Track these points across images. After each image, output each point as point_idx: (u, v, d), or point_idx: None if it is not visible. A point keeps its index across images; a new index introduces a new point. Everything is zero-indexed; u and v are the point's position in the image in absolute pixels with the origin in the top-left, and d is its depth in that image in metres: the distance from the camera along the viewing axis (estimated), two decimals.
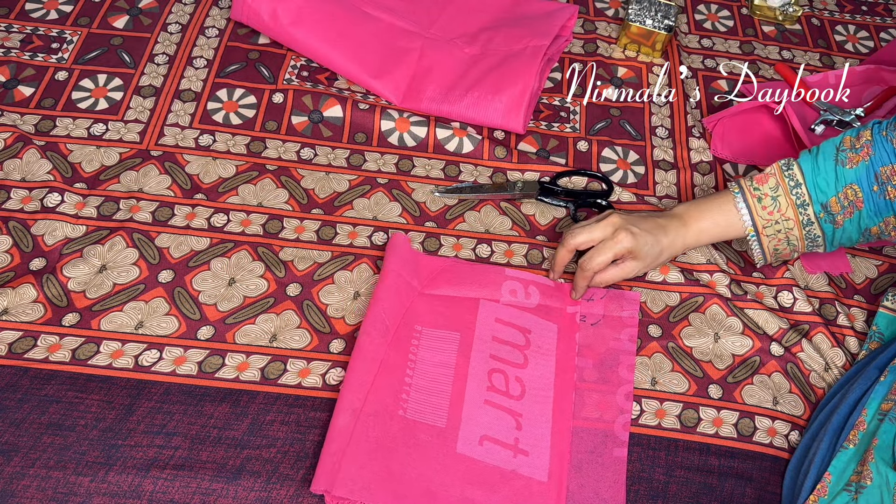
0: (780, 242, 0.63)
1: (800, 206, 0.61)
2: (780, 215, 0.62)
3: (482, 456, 0.57)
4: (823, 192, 0.61)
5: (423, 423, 0.58)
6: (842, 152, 0.61)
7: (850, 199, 0.60)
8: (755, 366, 0.64)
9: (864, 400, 0.57)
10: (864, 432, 0.56)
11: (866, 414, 0.57)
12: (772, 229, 0.62)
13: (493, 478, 0.56)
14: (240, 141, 0.75)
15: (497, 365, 0.62)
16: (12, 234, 0.66)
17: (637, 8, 0.85)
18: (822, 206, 0.61)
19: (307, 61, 0.82)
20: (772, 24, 0.94)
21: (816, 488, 0.54)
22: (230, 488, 0.55)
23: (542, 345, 0.63)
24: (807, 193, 0.61)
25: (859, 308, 0.69)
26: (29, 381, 0.58)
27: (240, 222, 0.69)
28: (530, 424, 0.59)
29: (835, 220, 0.61)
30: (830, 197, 0.60)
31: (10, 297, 0.62)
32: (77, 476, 0.54)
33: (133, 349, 0.61)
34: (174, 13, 0.85)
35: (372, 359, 0.60)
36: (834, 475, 0.55)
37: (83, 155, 0.72)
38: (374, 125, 0.77)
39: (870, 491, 0.52)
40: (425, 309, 0.64)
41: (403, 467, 0.56)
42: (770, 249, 0.64)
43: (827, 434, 0.57)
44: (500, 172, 0.75)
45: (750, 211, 0.62)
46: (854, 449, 0.55)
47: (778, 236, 0.63)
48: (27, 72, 0.78)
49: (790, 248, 0.64)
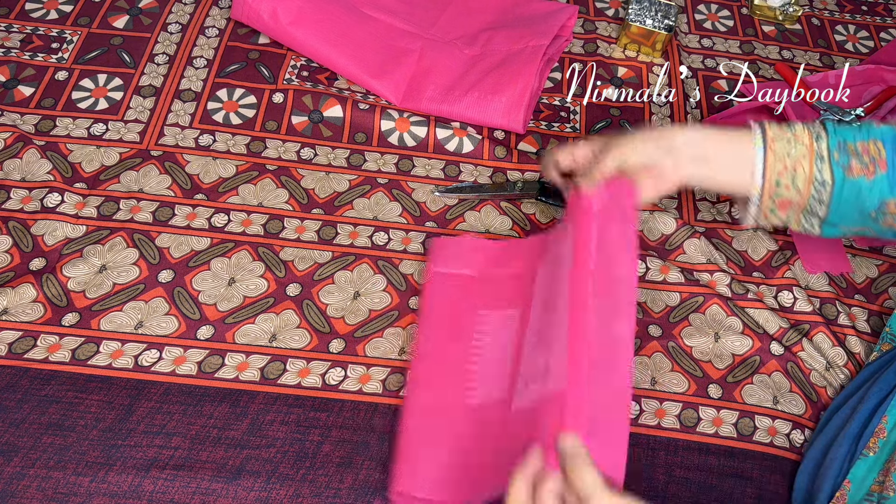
0: (786, 173, 0.54)
1: (815, 137, 0.54)
2: (792, 135, 0.54)
3: (530, 400, 0.54)
4: (842, 135, 0.54)
5: (488, 403, 0.57)
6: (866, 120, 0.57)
7: (872, 156, 0.53)
8: (755, 365, 0.64)
9: (884, 406, 0.56)
10: (884, 440, 0.55)
11: (886, 421, 0.55)
12: (782, 146, 0.54)
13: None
14: (240, 141, 0.75)
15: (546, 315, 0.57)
16: (12, 233, 0.66)
17: (637, 8, 0.85)
18: (839, 144, 0.54)
19: (307, 61, 0.82)
20: (772, 24, 0.94)
21: (836, 496, 0.54)
22: (230, 488, 0.55)
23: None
24: (823, 129, 0.54)
25: (860, 307, 0.69)
26: (29, 381, 0.58)
27: (240, 222, 0.69)
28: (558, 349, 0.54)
29: (849, 167, 0.53)
30: (850, 140, 0.54)
31: (9, 296, 0.62)
32: (77, 476, 0.54)
33: (133, 349, 0.61)
34: (174, 13, 0.85)
35: (433, 355, 0.60)
36: (854, 483, 0.54)
37: (83, 155, 0.72)
38: (375, 125, 0.77)
39: (893, 502, 0.51)
40: (488, 291, 0.63)
41: (479, 456, 0.54)
42: (772, 179, 0.54)
43: (845, 440, 0.56)
44: (500, 172, 0.75)
45: (763, 127, 0.55)
46: (874, 457, 0.54)
47: (786, 161, 0.54)
48: (27, 72, 0.78)
49: (792, 192, 0.55)
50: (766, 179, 0.55)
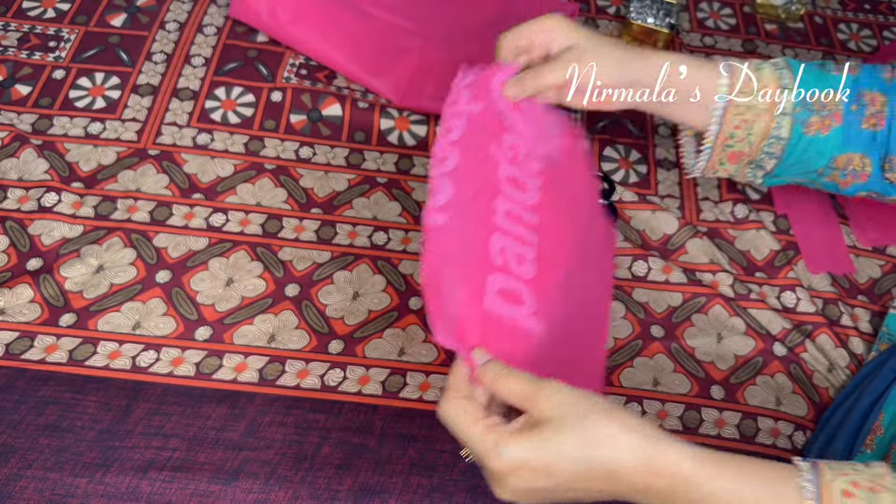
0: (742, 127, 0.54)
1: (783, 86, 0.54)
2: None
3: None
4: (805, 83, 0.54)
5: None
6: (826, 63, 0.56)
7: (830, 109, 0.54)
8: (758, 366, 0.64)
9: (881, 403, 0.56)
10: (881, 437, 0.55)
11: (883, 418, 0.56)
12: (744, 100, 0.53)
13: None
14: (238, 140, 0.74)
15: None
16: (9, 233, 0.66)
17: (639, 6, 0.84)
18: (803, 99, 0.53)
19: (306, 59, 0.81)
20: (774, 23, 0.93)
21: None
22: (228, 490, 0.54)
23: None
24: (790, 77, 0.54)
25: (863, 308, 0.68)
26: (26, 382, 0.58)
27: (238, 222, 0.69)
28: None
29: (808, 122, 0.53)
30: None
31: (6, 297, 0.61)
32: (74, 477, 0.54)
33: (130, 350, 0.60)
34: (172, 11, 0.84)
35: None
36: None
37: (80, 154, 0.72)
38: (374, 124, 0.76)
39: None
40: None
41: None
42: (727, 132, 0.54)
43: (842, 439, 0.56)
44: None
45: (730, 69, 0.54)
46: (871, 454, 0.55)
47: (745, 115, 0.54)
48: (24, 70, 0.77)
49: (744, 146, 0.55)
50: (721, 132, 0.55)
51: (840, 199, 0.75)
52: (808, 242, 0.71)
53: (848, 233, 0.73)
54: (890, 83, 0.54)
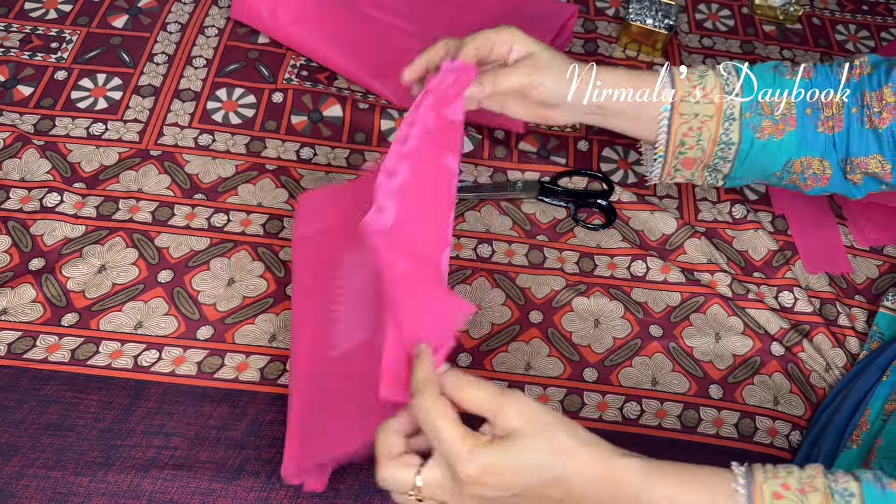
0: (691, 134, 0.54)
1: (728, 91, 0.53)
2: (702, 93, 0.53)
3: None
4: (756, 90, 0.53)
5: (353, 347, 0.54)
6: (781, 67, 0.55)
7: (784, 113, 0.53)
8: (756, 366, 0.64)
9: (867, 400, 0.57)
10: (867, 433, 0.56)
11: (869, 414, 0.56)
12: (689, 108, 0.53)
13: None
14: (239, 140, 0.75)
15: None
16: (11, 233, 0.66)
17: (637, 7, 0.85)
18: (751, 104, 0.53)
19: (307, 61, 0.82)
20: (772, 24, 0.94)
21: None
22: (229, 488, 0.55)
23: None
24: (737, 83, 0.53)
25: (860, 308, 0.68)
26: (28, 381, 0.58)
27: (240, 222, 0.69)
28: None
29: (760, 127, 0.53)
30: (762, 96, 0.53)
31: (9, 296, 0.62)
32: (76, 476, 0.54)
33: (132, 349, 0.61)
34: (173, 12, 0.85)
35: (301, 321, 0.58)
36: None
37: (82, 154, 0.72)
38: (374, 125, 0.77)
39: None
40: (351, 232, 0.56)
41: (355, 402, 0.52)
42: (676, 140, 0.54)
43: (830, 434, 0.57)
44: (500, 172, 0.75)
45: (672, 78, 0.54)
46: (857, 449, 0.55)
47: (692, 122, 0.53)
48: (26, 71, 0.78)
49: (696, 152, 0.55)
50: (671, 140, 0.55)
51: (838, 199, 0.75)
52: (805, 242, 0.72)
53: (846, 233, 0.73)
54: (844, 83, 0.54)
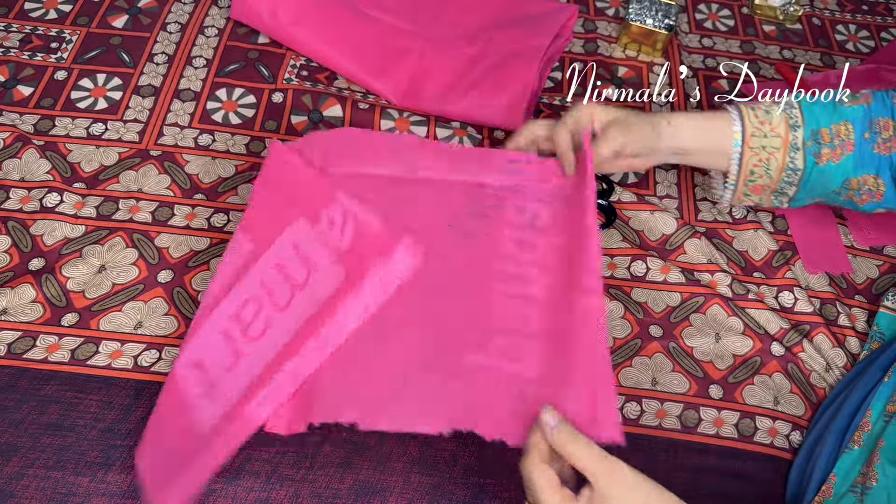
0: (760, 165, 0.60)
1: (792, 125, 0.60)
2: (769, 129, 0.60)
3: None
4: (816, 120, 0.59)
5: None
6: (841, 97, 0.61)
7: (842, 138, 0.59)
8: (756, 366, 0.64)
9: (868, 400, 0.57)
10: (868, 433, 0.56)
11: (871, 415, 0.56)
12: (758, 142, 0.60)
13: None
14: (239, 140, 0.75)
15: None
16: (11, 233, 0.66)
17: (637, 7, 0.85)
18: (813, 133, 0.59)
19: (307, 61, 0.82)
20: (772, 24, 0.94)
21: (821, 489, 0.54)
22: (229, 488, 0.55)
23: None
24: (801, 115, 0.60)
25: (860, 308, 0.69)
26: (28, 381, 0.58)
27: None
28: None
29: (819, 154, 0.59)
30: (823, 126, 0.59)
31: (9, 297, 0.62)
32: (76, 476, 0.54)
33: (132, 349, 0.61)
34: (173, 12, 0.85)
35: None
36: (839, 476, 0.55)
37: (82, 155, 0.72)
38: (374, 125, 0.77)
39: (876, 492, 0.52)
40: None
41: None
42: (746, 170, 0.61)
43: (831, 435, 0.57)
44: None
45: (741, 117, 0.60)
46: (859, 450, 0.55)
47: (760, 155, 0.60)
48: (26, 71, 0.78)
49: (765, 179, 0.61)
50: (742, 171, 0.61)
51: None
52: (805, 243, 0.72)
53: (846, 233, 0.73)
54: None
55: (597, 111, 0.61)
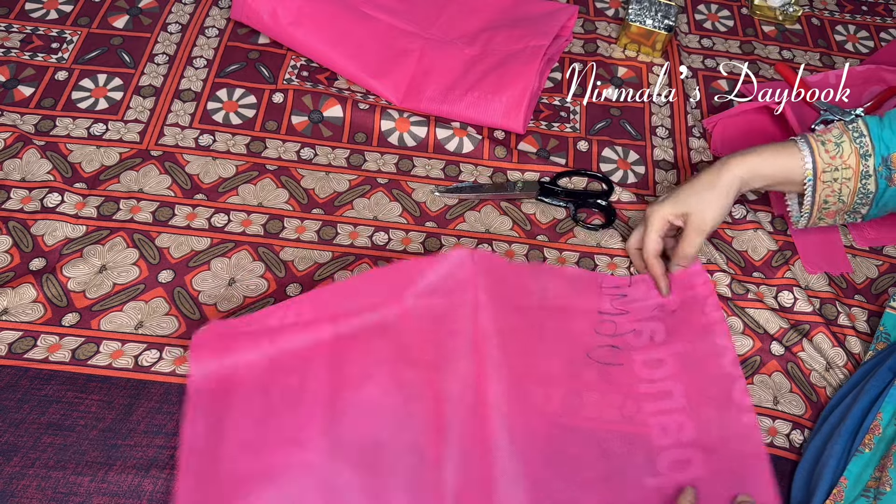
0: (833, 194, 0.62)
1: (862, 155, 0.60)
2: (841, 162, 0.61)
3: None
4: (887, 146, 0.60)
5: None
6: None
7: None
8: (756, 365, 0.64)
9: (879, 403, 0.57)
10: (879, 437, 0.55)
11: (881, 418, 0.56)
12: (830, 175, 0.61)
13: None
14: (240, 141, 0.75)
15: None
16: (12, 234, 0.66)
17: (637, 8, 0.85)
18: (884, 160, 0.60)
19: (307, 61, 0.82)
20: (772, 24, 0.94)
21: (832, 493, 0.54)
22: None
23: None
24: (870, 143, 0.60)
25: (860, 308, 0.69)
26: (29, 381, 0.58)
27: (240, 222, 0.69)
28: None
29: (891, 178, 0.60)
30: (893, 151, 0.60)
31: (9, 297, 0.62)
32: (77, 476, 0.54)
33: (133, 349, 0.61)
34: (174, 13, 0.85)
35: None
36: (850, 480, 0.54)
37: (83, 155, 0.72)
38: (374, 125, 0.77)
39: (889, 497, 0.52)
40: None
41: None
42: (820, 201, 0.62)
43: (841, 437, 0.56)
44: (500, 172, 0.75)
45: (812, 152, 0.61)
46: (870, 454, 0.55)
47: (833, 185, 0.61)
48: (27, 72, 0.78)
49: (839, 205, 0.63)
50: (816, 201, 0.63)
51: None
52: (805, 242, 0.72)
53: (845, 233, 0.73)
54: None
55: (668, 212, 0.64)
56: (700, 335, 0.63)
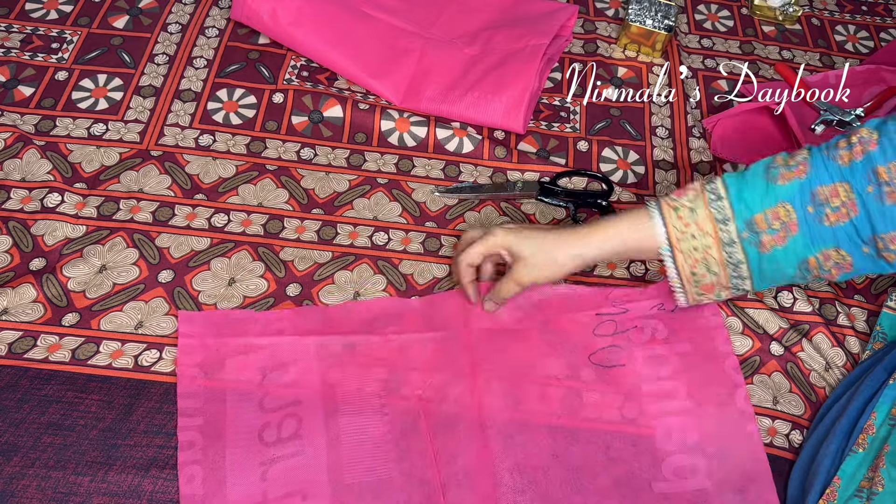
0: (698, 265, 0.56)
1: (720, 220, 0.54)
2: (696, 228, 0.55)
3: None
4: (749, 208, 0.54)
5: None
6: (773, 168, 0.54)
7: (783, 221, 0.53)
8: (755, 365, 0.64)
9: (873, 403, 0.57)
10: (873, 436, 0.55)
11: (875, 418, 0.56)
12: (688, 244, 0.55)
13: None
14: (240, 141, 0.75)
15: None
16: (12, 234, 0.66)
17: (637, 8, 0.85)
18: (746, 224, 0.53)
19: (307, 61, 0.82)
20: (772, 24, 0.94)
21: (826, 492, 0.54)
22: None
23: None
24: (729, 208, 0.54)
25: (859, 308, 0.69)
26: (29, 381, 0.58)
27: (240, 222, 0.69)
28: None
29: (760, 243, 0.54)
30: (756, 213, 0.53)
31: (9, 296, 0.62)
32: (77, 476, 0.54)
33: (133, 349, 0.61)
34: (174, 13, 0.85)
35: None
36: (844, 479, 0.54)
37: (83, 155, 0.72)
38: (374, 125, 0.77)
39: (882, 497, 0.52)
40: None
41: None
42: (686, 272, 0.56)
43: (835, 437, 0.57)
44: (500, 172, 0.75)
45: (664, 220, 0.56)
46: (863, 453, 0.55)
47: (695, 255, 0.55)
48: (27, 72, 0.78)
49: (710, 277, 0.56)
50: (682, 274, 0.57)
51: None
52: None
53: None
54: (849, 166, 0.52)
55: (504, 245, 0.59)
56: (701, 337, 0.63)
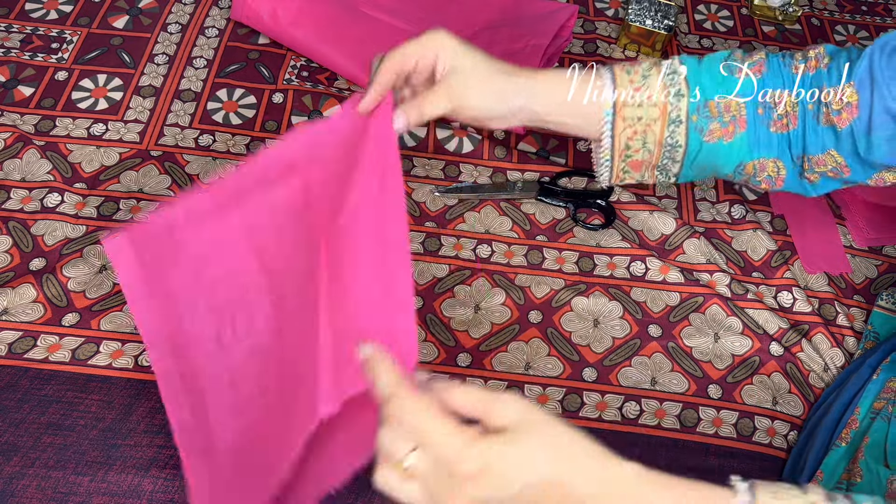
0: (636, 137, 0.51)
1: (674, 94, 0.50)
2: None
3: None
4: (703, 91, 0.50)
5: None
6: (731, 62, 0.51)
7: (733, 114, 0.50)
8: (755, 366, 0.64)
9: (857, 398, 0.57)
10: (856, 430, 0.56)
11: (859, 412, 0.57)
12: (632, 112, 0.50)
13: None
14: (240, 141, 0.75)
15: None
16: (12, 234, 0.66)
17: (637, 8, 0.85)
18: (699, 106, 0.50)
19: (307, 61, 0.82)
20: (772, 24, 0.94)
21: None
22: None
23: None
24: (684, 83, 0.50)
25: (859, 308, 0.69)
26: (29, 381, 0.59)
27: None
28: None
29: (708, 130, 0.50)
30: (711, 98, 0.50)
31: (9, 297, 0.62)
32: (77, 476, 0.54)
33: (133, 349, 0.61)
34: (174, 13, 0.85)
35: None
36: (826, 473, 0.55)
37: (83, 155, 0.72)
38: None
39: (860, 488, 0.52)
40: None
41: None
42: (621, 144, 0.51)
43: (821, 432, 0.57)
44: (500, 172, 0.75)
45: (613, 80, 0.50)
46: (846, 447, 0.56)
47: (636, 126, 0.50)
48: (27, 72, 0.78)
49: (643, 153, 0.51)
50: (616, 146, 0.52)
51: (837, 199, 0.75)
52: (804, 242, 0.72)
53: (845, 233, 0.73)
54: (800, 79, 0.50)
55: (442, 48, 0.49)
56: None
